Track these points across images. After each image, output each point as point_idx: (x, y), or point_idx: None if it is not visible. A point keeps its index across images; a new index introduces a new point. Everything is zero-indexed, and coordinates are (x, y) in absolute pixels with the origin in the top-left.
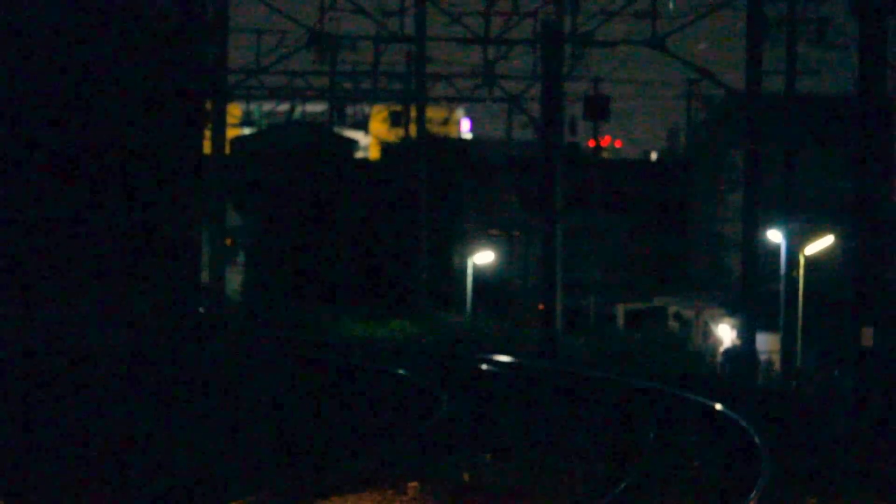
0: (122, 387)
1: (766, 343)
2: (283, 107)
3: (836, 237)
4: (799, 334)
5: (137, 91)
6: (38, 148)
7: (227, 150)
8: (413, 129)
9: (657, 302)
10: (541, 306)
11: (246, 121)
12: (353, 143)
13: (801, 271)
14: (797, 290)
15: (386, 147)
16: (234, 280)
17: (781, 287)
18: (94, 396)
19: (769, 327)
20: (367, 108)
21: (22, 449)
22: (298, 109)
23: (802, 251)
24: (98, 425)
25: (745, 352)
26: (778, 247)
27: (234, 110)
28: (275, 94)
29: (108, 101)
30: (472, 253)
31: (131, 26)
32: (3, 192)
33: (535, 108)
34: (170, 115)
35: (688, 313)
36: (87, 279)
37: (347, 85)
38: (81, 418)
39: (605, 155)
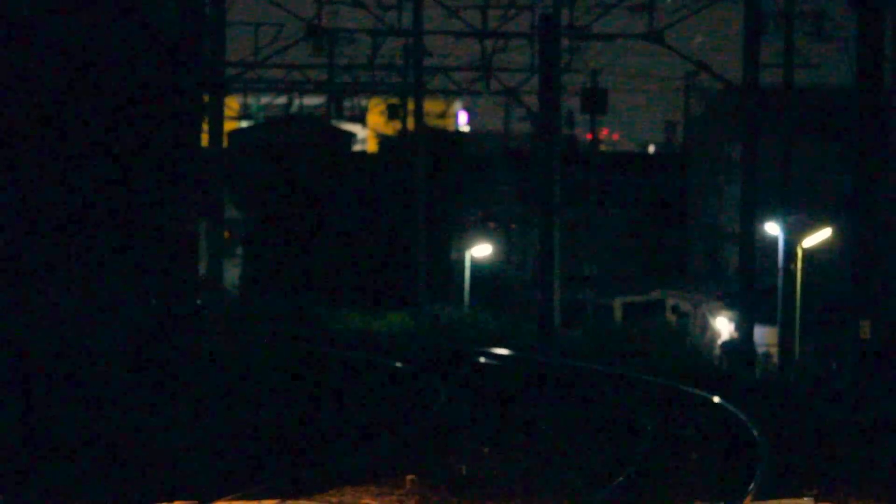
0: (120, 380)
1: (764, 336)
2: (281, 100)
3: (834, 230)
4: (797, 327)
5: (134, 84)
6: (34, 143)
7: (225, 143)
8: (411, 122)
9: (655, 295)
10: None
11: (244, 114)
12: (350, 137)
13: (799, 264)
14: (795, 283)
15: (384, 140)
16: (232, 273)
17: (779, 280)
18: (91, 390)
19: (767, 320)
20: (364, 102)
21: (21, 447)
22: (296, 102)
23: (800, 244)
24: (96, 420)
25: (742, 345)
26: (776, 240)
27: (232, 103)
28: (272, 87)
29: (105, 94)
30: (469, 246)
31: (128, 20)
32: (1, 184)
33: (532, 101)
34: (167, 108)
35: (686, 306)
36: (84, 273)
37: (345, 78)
38: (79, 412)
39: (602, 148)
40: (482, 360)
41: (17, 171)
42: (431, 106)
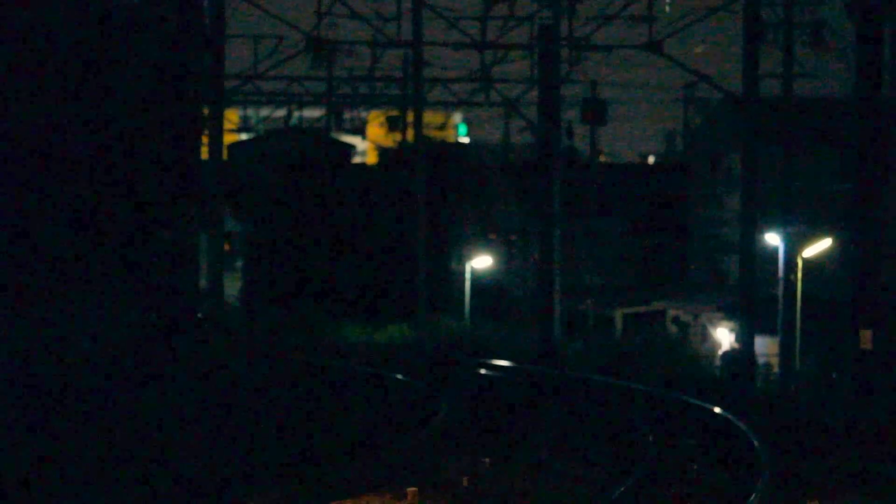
0: (121, 391)
1: (765, 346)
2: (281, 112)
3: (834, 239)
4: (797, 337)
5: (135, 96)
6: (38, 152)
7: (225, 155)
8: (410, 134)
9: (655, 305)
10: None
11: (243, 126)
12: (350, 148)
13: (800, 274)
14: (795, 292)
15: (383, 152)
16: (233, 286)
17: (780, 290)
18: (91, 400)
19: (767, 330)
20: (364, 113)
21: (20, 453)
22: (296, 115)
23: (800, 254)
24: (97, 430)
25: (743, 355)
26: (776, 249)
27: (232, 116)
28: (272, 100)
29: (106, 106)
30: (470, 257)
31: (128, 32)
32: (3, 195)
33: (532, 113)
34: (167, 120)
35: (686, 317)
36: (85, 284)
37: (345, 90)
38: (80, 423)
39: (602, 159)
40: (483, 371)
41: (19, 182)
42: (431, 118)
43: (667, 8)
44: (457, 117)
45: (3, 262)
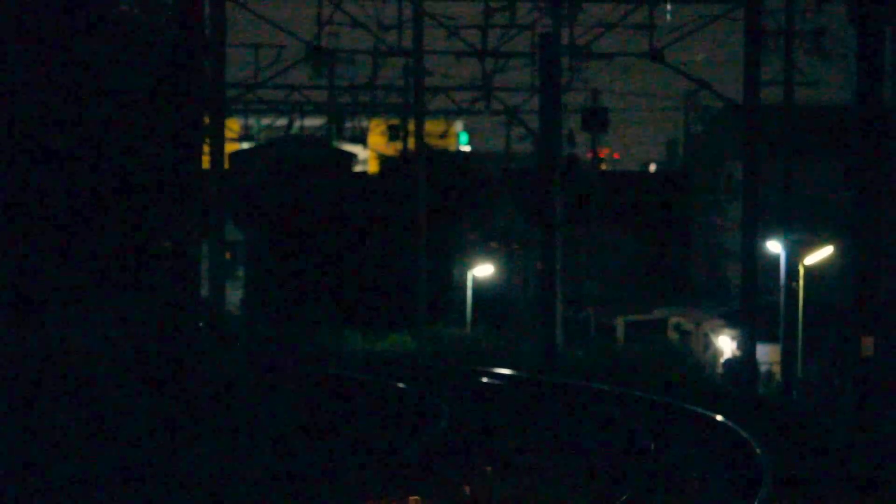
0: (122, 400)
1: (767, 353)
2: (282, 121)
3: (836, 247)
4: (799, 344)
5: (137, 105)
6: (42, 159)
7: (226, 164)
8: (411, 143)
9: (657, 313)
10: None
11: (244, 135)
12: (351, 157)
13: (801, 281)
14: (797, 300)
15: (385, 161)
16: (234, 295)
17: (781, 297)
18: (93, 408)
19: (769, 338)
20: (365, 122)
21: (19, 458)
22: (297, 123)
23: (802, 261)
24: (98, 436)
25: (745, 362)
26: (777, 257)
27: (233, 125)
28: (273, 109)
29: (109, 115)
30: (471, 266)
31: (131, 42)
32: (8, 203)
33: (533, 121)
34: (168, 130)
35: (688, 325)
36: (86, 293)
37: (346, 99)
38: (82, 431)
39: (603, 167)
40: (485, 379)
41: (19, 190)
42: (432, 126)
43: (667, 16)
44: (458, 126)
45: (5, 272)
